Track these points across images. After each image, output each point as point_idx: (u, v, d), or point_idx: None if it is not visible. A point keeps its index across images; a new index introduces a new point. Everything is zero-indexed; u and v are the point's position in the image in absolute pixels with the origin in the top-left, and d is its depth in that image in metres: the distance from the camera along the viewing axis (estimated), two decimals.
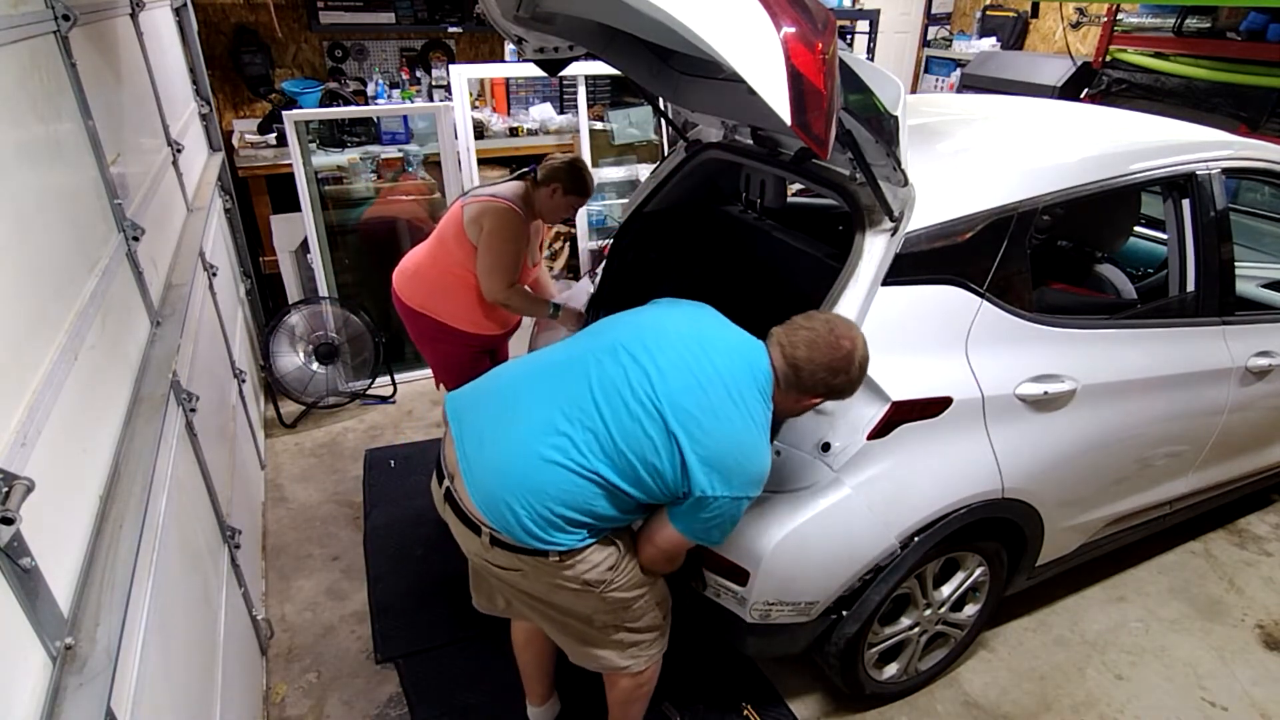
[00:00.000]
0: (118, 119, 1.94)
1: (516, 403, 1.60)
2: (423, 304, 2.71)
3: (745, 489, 1.54)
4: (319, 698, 2.28)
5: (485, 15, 2.20)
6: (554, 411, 1.54)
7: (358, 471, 3.33)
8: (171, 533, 1.55)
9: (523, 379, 1.67)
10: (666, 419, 1.49)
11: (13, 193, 1.16)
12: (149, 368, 1.64)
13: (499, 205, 2.53)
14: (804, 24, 1.29)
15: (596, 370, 1.57)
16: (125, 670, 1.13)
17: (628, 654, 1.77)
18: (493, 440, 1.57)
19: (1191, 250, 2.36)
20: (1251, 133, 4.14)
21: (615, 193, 4.77)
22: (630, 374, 1.54)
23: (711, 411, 1.51)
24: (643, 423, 1.50)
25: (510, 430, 1.56)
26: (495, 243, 2.54)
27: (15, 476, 0.90)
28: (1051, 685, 2.38)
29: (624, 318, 1.74)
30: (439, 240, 2.68)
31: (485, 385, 1.71)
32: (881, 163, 1.78)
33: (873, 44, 5.73)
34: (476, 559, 1.70)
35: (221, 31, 4.44)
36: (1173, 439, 2.42)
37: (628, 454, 1.50)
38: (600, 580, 1.60)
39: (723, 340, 1.63)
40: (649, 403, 1.51)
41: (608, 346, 1.61)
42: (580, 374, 1.58)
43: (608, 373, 1.56)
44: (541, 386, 1.61)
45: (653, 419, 1.50)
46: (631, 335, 1.63)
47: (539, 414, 1.55)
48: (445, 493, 1.65)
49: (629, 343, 1.60)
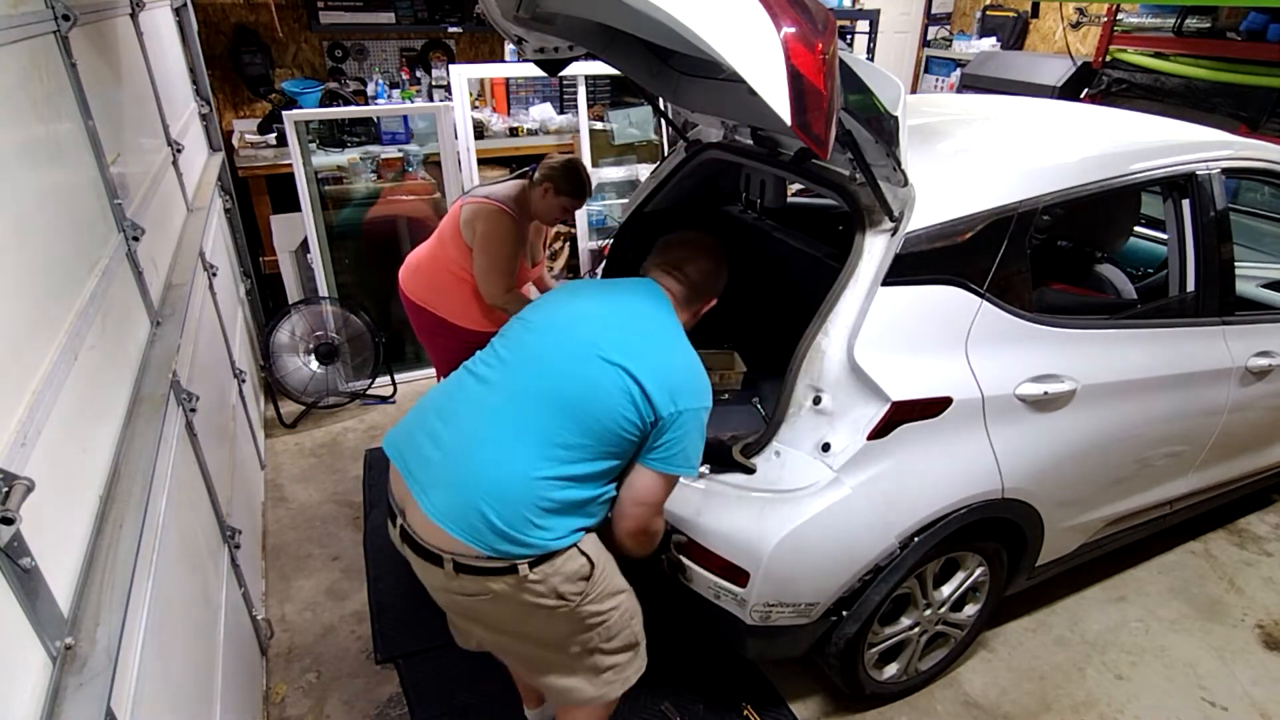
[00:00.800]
0: (118, 119, 1.94)
1: (476, 424, 1.57)
2: (424, 299, 2.73)
3: (700, 399, 1.62)
4: (319, 698, 2.28)
5: (485, 15, 2.20)
6: (528, 438, 1.52)
7: (358, 471, 3.33)
8: (171, 533, 1.55)
9: (466, 401, 1.63)
10: (617, 362, 1.55)
11: (13, 193, 1.16)
12: (149, 368, 1.63)
13: (490, 208, 2.54)
14: (804, 24, 1.29)
15: (537, 370, 1.61)
16: (125, 670, 1.13)
17: (600, 680, 1.70)
18: (455, 457, 1.53)
19: (1191, 250, 2.35)
20: (1251, 133, 4.14)
21: (615, 193, 4.77)
22: (568, 347, 1.62)
23: (649, 341, 1.63)
24: (598, 378, 1.55)
25: (478, 450, 1.53)
26: (488, 245, 2.55)
27: (15, 476, 0.90)
28: (1051, 685, 2.38)
29: (534, 324, 1.74)
30: (439, 239, 2.70)
31: (419, 414, 1.67)
32: (881, 163, 1.78)
33: (873, 44, 5.73)
34: (442, 594, 1.62)
35: (221, 31, 4.44)
36: (1173, 439, 2.42)
37: (598, 415, 1.52)
38: (575, 592, 1.55)
39: (622, 290, 1.78)
40: (596, 357, 1.57)
41: (540, 341, 1.67)
42: (527, 386, 1.59)
43: (549, 360, 1.61)
44: (497, 406, 1.59)
45: (604, 367, 1.55)
46: (552, 326, 1.70)
47: (511, 440, 1.53)
48: (400, 531, 1.59)
49: (557, 330, 1.68)
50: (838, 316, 1.84)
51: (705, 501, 1.93)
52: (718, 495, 1.93)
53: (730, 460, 1.95)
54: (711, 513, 1.91)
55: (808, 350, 1.85)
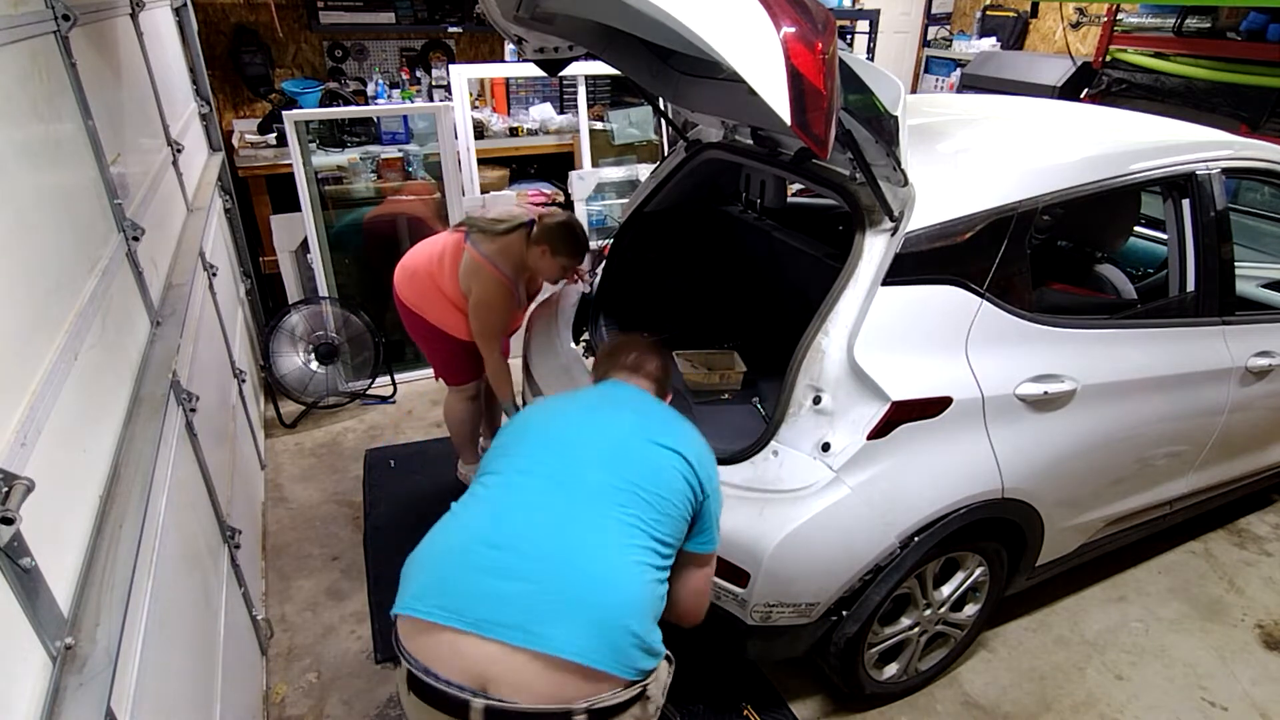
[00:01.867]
0: (118, 119, 1.94)
1: (561, 536, 1.33)
2: (417, 305, 2.75)
3: (716, 473, 1.59)
4: (319, 698, 2.28)
5: (485, 15, 2.20)
6: (629, 538, 1.35)
7: (358, 471, 3.33)
8: (171, 533, 1.55)
9: (525, 518, 1.37)
10: (669, 445, 1.49)
11: (13, 193, 1.16)
12: (149, 368, 1.64)
13: (488, 274, 2.57)
14: (804, 24, 1.29)
15: (594, 462, 1.44)
16: (125, 670, 1.13)
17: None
18: (556, 580, 1.27)
19: (1191, 250, 2.35)
20: (1251, 133, 4.14)
21: (615, 193, 4.77)
22: (617, 436, 1.51)
23: (677, 423, 1.59)
24: (660, 463, 1.46)
25: (587, 564, 1.30)
26: (481, 312, 2.61)
27: (15, 476, 0.90)
28: (1051, 685, 2.38)
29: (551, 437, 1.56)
30: (439, 259, 2.69)
31: (453, 556, 1.37)
32: (881, 163, 1.78)
33: (873, 44, 5.74)
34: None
35: (221, 31, 4.44)
36: (1173, 439, 2.42)
37: (673, 500, 1.42)
38: (657, 706, 1.35)
39: (615, 389, 1.71)
40: (650, 443, 1.48)
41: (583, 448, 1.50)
42: (600, 482, 1.41)
43: (607, 452, 1.47)
44: (573, 512, 1.37)
45: (661, 452, 1.47)
46: (580, 424, 1.57)
47: (615, 545, 1.33)
48: (485, 712, 1.21)
49: (591, 425, 1.56)
50: (838, 316, 1.84)
51: None
52: None
53: (731, 459, 1.95)
54: None
55: (808, 350, 1.85)
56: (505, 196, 4.46)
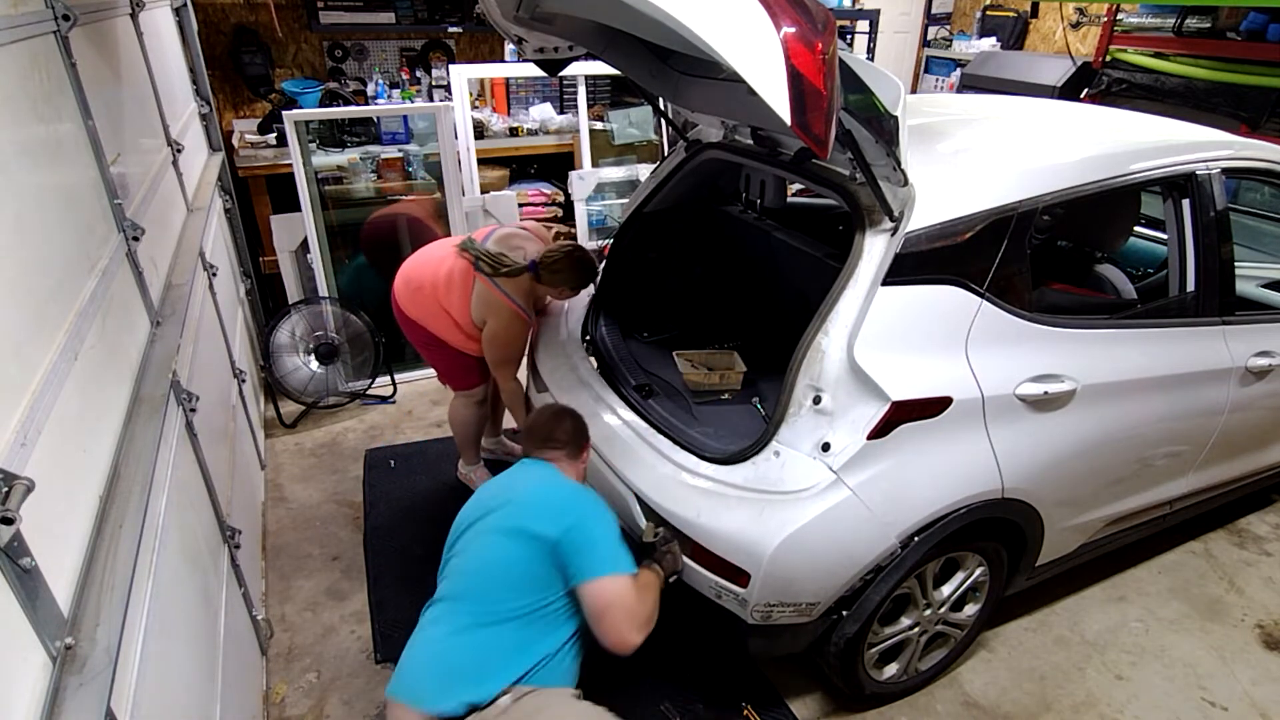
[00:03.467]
0: (118, 119, 1.94)
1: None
2: (420, 318, 2.74)
3: (589, 511, 1.80)
4: (319, 698, 2.28)
5: (485, 15, 2.21)
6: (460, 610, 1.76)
7: (358, 471, 3.33)
8: (171, 533, 1.55)
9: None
10: (514, 526, 1.77)
11: (13, 193, 1.16)
12: (149, 368, 1.64)
13: (505, 308, 2.61)
14: (804, 24, 1.30)
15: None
16: (125, 670, 1.13)
17: None
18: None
19: (1191, 250, 2.35)
20: (1251, 133, 4.14)
21: (615, 193, 4.78)
22: (479, 548, 1.83)
23: (531, 506, 1.83)
24: (498, 549, 1.77)
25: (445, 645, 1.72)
26: (499, 345, 2.67)
27: (15, 476, 0.90)
28: (1051, 685, 2.38)
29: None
30: (446, 280, 2.67)
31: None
32: (881, 163, 1.78)
33: (873, 44, 5.74)
34: None
35: (221, 31, 4.44)
36: (1173, 439, 2.42)
37: (508, 577, 1.73)
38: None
39: (514, 483, 1.95)
40: (498, 533, 1.79)
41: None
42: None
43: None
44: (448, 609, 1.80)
45: (505, 539, 1.77)
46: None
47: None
48: None
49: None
50: (838, 316, 1.84)
51: (706, 502, 1.93)
52: (718, 496, 1.93)
53: (731, 459, 1.95)
54: (712, 513, 1.91)
55: (808, 350, 1.86)
56: (505, 196, 4.46)
